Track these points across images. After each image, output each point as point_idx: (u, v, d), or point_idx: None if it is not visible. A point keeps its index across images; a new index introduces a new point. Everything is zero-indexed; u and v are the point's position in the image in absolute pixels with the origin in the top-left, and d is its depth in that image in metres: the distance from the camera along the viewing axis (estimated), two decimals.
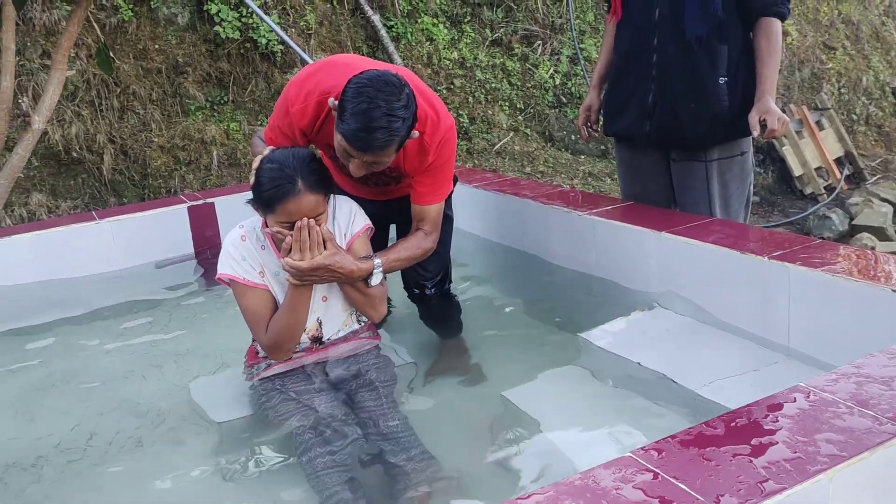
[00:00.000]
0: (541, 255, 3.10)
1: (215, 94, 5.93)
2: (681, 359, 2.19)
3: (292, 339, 2.19)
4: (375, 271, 2.18)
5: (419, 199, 2.31)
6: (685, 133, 2.66)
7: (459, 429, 2.20)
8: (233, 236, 2.20)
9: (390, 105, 1.92)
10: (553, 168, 6.18)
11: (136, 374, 2.61)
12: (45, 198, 5.28)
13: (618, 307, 2.61)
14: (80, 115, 5.41)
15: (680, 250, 2.45)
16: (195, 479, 2.06)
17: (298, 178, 1.99)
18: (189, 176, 5.61)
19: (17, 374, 2.63)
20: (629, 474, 1.34)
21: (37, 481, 2.05)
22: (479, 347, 2.63)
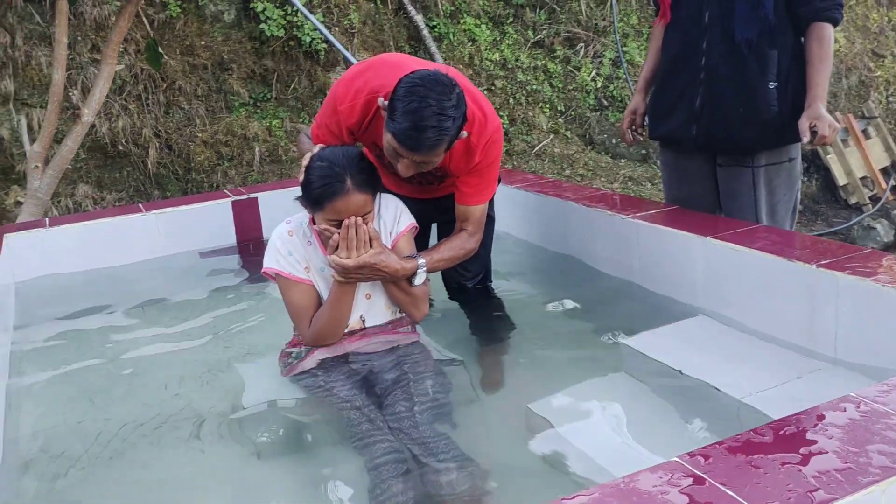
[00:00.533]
0: (582, 258, 3.08)
1: (259, 91, 6.00)
2: (724, 367, 2.16)
3: (335, 335, 2.21)
4: (419, 271, 2.19)
5: (464, 199, 2.32)
6: (733, 138, 2.63)
7: (496, 431, 2.20)
8: (280, 231, 2.22)
9: (441, 104, 1.92)
10: (593, 171, 6.15)
11: (178, 361, 2.65)
12: (91, 189, 5.39)
13: (660, 313, 2.58)
14: (127, 109, 5.51)
15: (726, 256, 2.42)
16: (236, 466, 2.08)
17: (347, 177, 2.00)
18: (231, 171, 5.69)
19: (64, 362, 2.69)
20: (675, 479, 1.33)
21: (86, 463, 2.09)
22: (517, 349, 2.62)
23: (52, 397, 2.46)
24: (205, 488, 2.01)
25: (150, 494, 1.99)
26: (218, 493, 1.99)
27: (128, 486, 2.01)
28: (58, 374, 2.61)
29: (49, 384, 2.55)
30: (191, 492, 2.00)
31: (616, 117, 6.61)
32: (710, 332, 2.41)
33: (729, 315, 2.45)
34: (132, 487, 2.01)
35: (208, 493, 1.99)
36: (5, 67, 5.14)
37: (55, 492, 1.99)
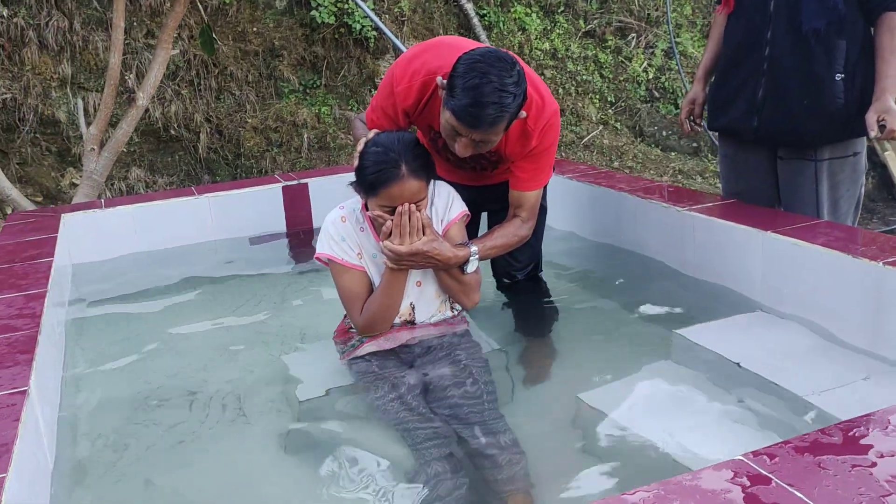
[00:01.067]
0: (635, 250, 3.03)
1: (308, 77, 6.02)
2: (784, 363, 2.11)
3: (386, 321, 2.20)
4: (472, 258, 2.17)
5: (519, 184, 2.29)
6: (796, 130, 2.56)
7: (545, 424, 2.17)
8: (333, 217, 2.22)
9: (502, 80, 1.89)
10: (642, 164, 6.07)
11: (230, 345, 2.67)
12: (143, 173, 5.47)
13: (715, 308, 2.53)
14: (180, 94, 5.57)
15: (786, 252, 2.36)
16: (284, 450, 2.09)
17: (403, 163, 1.99)
18: (280, 157, 5.72)
19: (119, 345, 2.72)
20: (740, 478, 1.29)
21: (137, 437, 2.12)
22: (568, 341, 2.59)
23: (105, 376, 2.50)
24: (252, 468, 2.02)
25: (200, 472, 2.00)
26: (265, 474, 2.00)
27: (179, 463, 2.03)
28: (110, 353, 2.65)
29: (102, 363, 2.58)
30: (239, 470, 2.01)
31: (667, 109, 6.51)
32: (769, 327, 2.35)
33: (787, 312, 2.39)
34: (184, 464, 2.03)
35: (256, 473, 2.00)
36: (63, 52, 5.23)
37: (107, 462, 2.02)
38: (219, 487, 1.93)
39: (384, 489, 1.87)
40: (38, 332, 2.01)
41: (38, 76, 5.16)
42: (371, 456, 2.01)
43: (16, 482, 1.42)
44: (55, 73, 5.22)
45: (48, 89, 5.18)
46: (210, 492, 1.92)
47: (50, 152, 5.20)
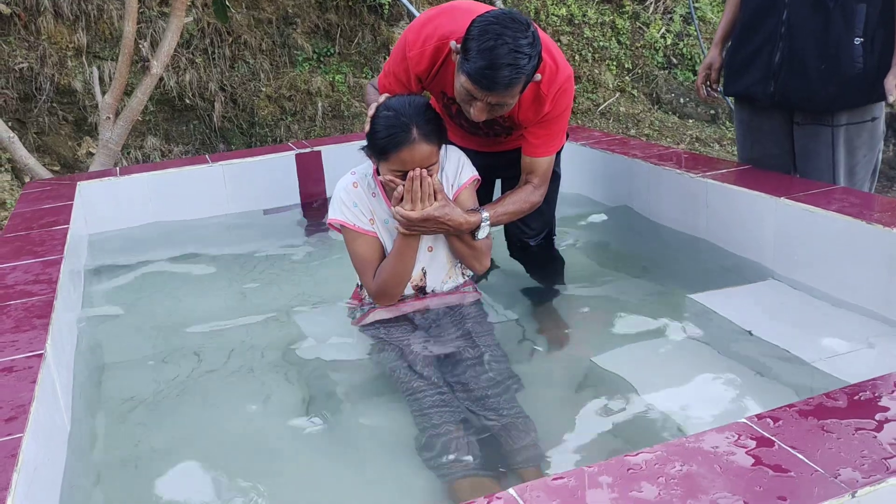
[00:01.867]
0: (649, 216, 3.02)
1: (322, 45, 5.99)
2: (795, 330, 2.10)
3: (399, 287, 2.21)
4: (483, 224, 2.17)
5: (531, 150, 2.27)
6: (813, 95, 2.52)
7: (556, 390, 2.18)
8: (345, 182, 2.22)
9: (517, 42, 1.88)
10: (659, 131, 6.01)
11: (244, 310, 2.70)
12: (158, 142, 5.49)
13: (728, 275, 2.52)
14: (194, 63, 5.57)
15: (799, 218, 2.34)
16: (296, 415, 2.11)
17: (414, 127, 1.98)
18: (294, 126, 5.72)
19: (134, 311, 2.76)
20: (743, 440, 1.30)
21: (154, 402, 2.16)
22: (580, 307, 2.59)
23: (119, 341, 2.54)
24: (265, 431, 2.05)
25: (214, 432, 2.04)
26: (278, 436, 2.03)
27: (194, 424, 2.07)
28: (125, 318, 2.69)
29: (117, 328, 2.63)
30: (252, 433, 2.05)
31: (685, 76, 6.43)
32: (781, 294, 2.34)
33: (800, 278, 2.38)
34: (198, 425, 2.07)
35: (269, 436, 2.03)
36: (78, 21, 5.24)
37: (121, 424, 2.06)
38: (232, 449, 1.96)
39: (394, 452, 1.90)
40: (54, 297, 2.04)
41: (54, 46, 5.18)
42: (382, 419, 2.04)
43: (32, 443, 1.45)
44: (70, 43, 5.23)
45: (64, 59, 5.19)
46: (223, 453, 1.95)
47: (66, 121, 5.23)
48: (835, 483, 1.17)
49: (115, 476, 1.85)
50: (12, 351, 1.75)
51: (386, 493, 1.79)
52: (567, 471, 1.24)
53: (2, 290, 2.12)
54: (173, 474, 1.87)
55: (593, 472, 1.23)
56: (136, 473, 1.87)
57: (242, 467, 1.89)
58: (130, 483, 1.84)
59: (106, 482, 1.83)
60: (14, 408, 1.52)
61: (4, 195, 4.73)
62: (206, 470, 1.89)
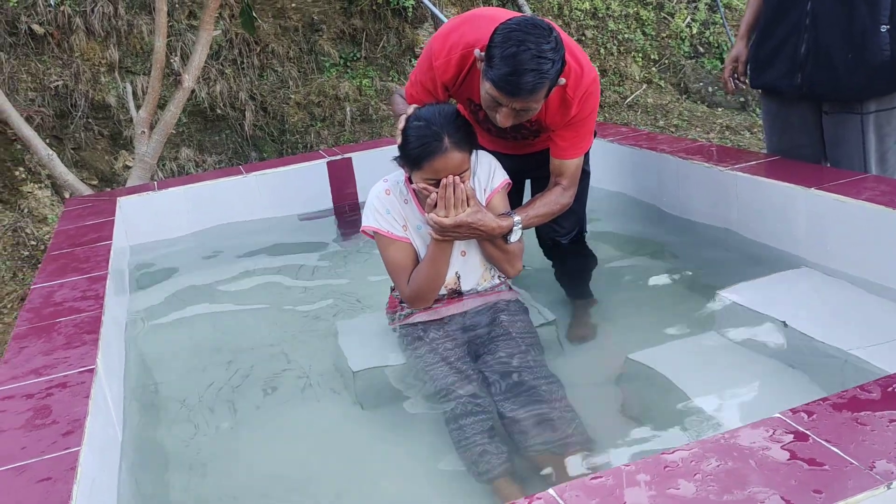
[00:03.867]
0: (678, 212, 3.03)
1: (348, 50, 6.06)
2: (831, 320, 2.10)
3: (433, 291, 2.25)
4: (515, 228, 2.20)
5: (559, 153, 2.30)
6: (840, 85, 2.51)
7: (592, 388, 2.21)
8: (377, 190, 2.26)
9: (539, 47, 1.90)
10: (688, 122, 5.98)
11: (284, 319, 2.76)
12: (192, 153, 5.60)
13: (760, 267, 2.52)
14: (224, 74, 5.66)
15: (830, 208, 2.34)
16: (337, 420, 2.17)
17: (445, 136, 2.02)
18: (324, 131, 5.79)
19: (177, 321, 2.84)
20: (778, 435, 1.32)
21: (199, 407, 2.23)
22: (613, 305, 2.62)
23: (164, 351, 2.62)
24: (308, 437, 2.12)
25: (257, 440, 2.11)
26: (312, 445, 2.09)
27: (244, 429, 2.14)
28: (168, 330, 2.77)
29: (161, 339, 2.70)
30: (295, 443, 2.11)
31: (712, 64, 6.38)
32: (814, 283, 2.34)
33: (834, 267, 2.37)
34: (248, 430, 2.13)
35: (311, 442, 2.09)
36: (109, 37, 5.35)
37: (171, 434, 2.13)
38: (275, 458, 2.02)
39: (431, 461, 1.94)
40: (101, 312, 2.12)
41: (87, 62, 5.30)
42: (427, 423, 2.07)
43: (89, 455, 1.52)
44: (103, 59, 5.35)
45: (97, 75, 5.31)
46: (268, 461, 2.01)
47: (102, 136, 5.35)
48: (870, 475, 1.18)
49: (168, 485, 1.92)
50: (65, 367, 1.83)
51: (430, 493, 1.83)
52: (605, 470, 1.27)
53: (51, 308, 2.20)
54: (225, 481, 1.94)
55: (631, 471, 1.26)
56: (188, 481, 1.94)
57: (292, 471, 1.95)
58: (183, 491, 1.90)
59: (160, 492, 1.89)
60: (70, 422, 1.59)
61: (45, 211, 4.86)
62: (258, 475, 1.95)
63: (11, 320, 4.06)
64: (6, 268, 4.38)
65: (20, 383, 1.76)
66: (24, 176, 4.90)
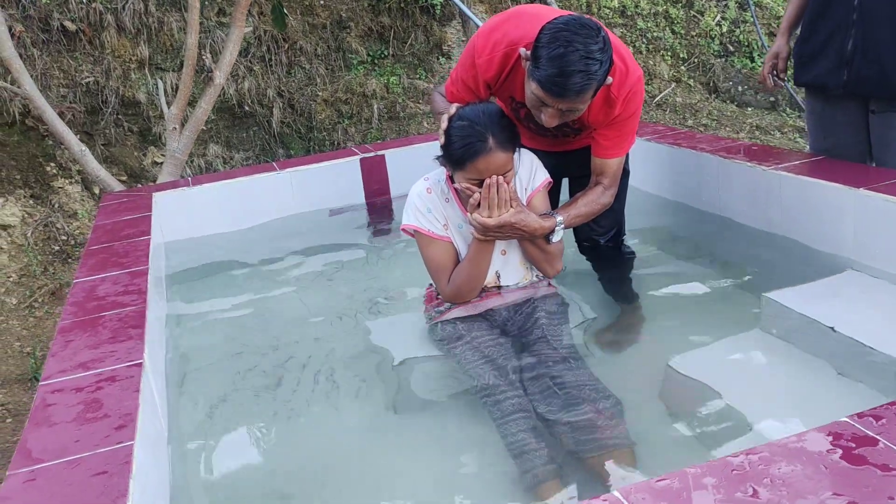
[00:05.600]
0: (719, 212, 2.99)
1: (376, 48, 6.05)
2: (880, 324, 2.06)
3: (473, 291, 2.23)
4: (557, 228, 2.18)
5: (602, 152, 2.28)
6: (889, 82, 2.47)
7: (633, 391, 2.17)
8: (419, 189, 2.25)
9: (588, 48, 1.88)
10: (717, 121, 5.93)
11: (320, 315, 2.76)
12: (220, 149, 5.61)
13: (805, 270, 2.48)
14: (252, 71, 5.67)
15: (880, 209, 2.30)
16: (373, 416, 2.16)
17: (490, 136, 1.99)
18: (351, 129, 5.79)
19: (212, 317, 2.84)
20: (847, 440, 1.29)
21: (236, 402, 2.24)
22: (654, 306, 2.58)
23: (202, 346, 2.62)
24: (344, 434, 2.10)
25: (297, 436, 2.10)
26: (354, 440, 2.07)
27: (282, 426, 2.13)
28: (205, 325, 2.77)
29: (198, 335, 2.70)
30: (334, 438, 2.10)
31: (742, 63, 6.32)
32: (862, 287, 2.30)
33: (882, 269, 2.33)
34: (281, 430, 2.12)
35: (347, 438, 2.08)
36: (140, 34, 5.37)
37: (211, 430, 2.13)
38: (315, 454, 2.02)
39: (473, 460, 1.92)
40: (145, 307, 2.12)
41: (118, 59, 5.32)
42: (467, 420, 2.06)
43: (142, 450, 1.52)
44: (133, 56, 5.37)
45: (128, 71, 5.33)
46: (307, 457, 2.00)
47: (132, 132, 5.37)
48: None
49: (214, 479, 1.92)
50: (113, 361, 1.82)
51: (470, 492, 1.81)
52: (670, 472, 1.25)
53: (95, 302, 2.20)
54: (270, 474, 1.93)
55: (697, 474, 1.24)
56: (233, 476, 1.93)
57: (328, 466, 1.94)
58: (229, 486, 1.90)
59: (207, 486, 1.89)
60: (121, 416, 1.58)
61: (76, 206, 4.89)
62: (302, 468, 1.95)
63: (43, 314, 4.08)
64: (37, 262, 4.40)
65: (69, 377, 1.76)
66: (54, 171, 4.93)
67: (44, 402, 1.66)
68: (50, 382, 1.74)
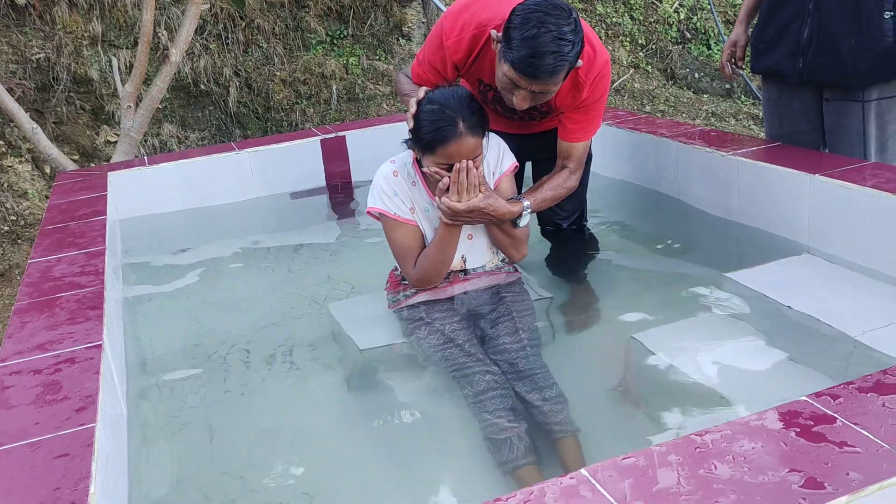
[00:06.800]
0: (677, 196, 3.03)
1: (335, 28, 5.99)
2: (835, 304, 2.12)
3: (440, 275, 2.23)
4: (524, 213, 2.18)
5: (568, 135, 2.28)
6: (843, 71, 2.53)
7: (594, 369, 2.21)
8: (385, 171, 2.23)
9: (560, 29, 1.88)
10: (674, 107, 6.00)
11: (279, 297, 2.73)
12: (175, 129, 5.51)
13: (761, 252, 2.54)
14: (209, 49, 5.57)
15: (834, 194, 2.36)
16: (336, 401, 2.16)
17: (460, 121, 1.98)
18: (309, 110, 5.73)
19: (169, 298, 2.80)
20: (807, 418, 1.33)
21: (195, 386, 2.21)
22: (616, 287, 2.62)
23: (160, 329, 2.58)
24: (302, 413, 2.10)
25: (258, 419, 2.08)
26: (313, 419, 2.07)
27: (238, 413, 2.11)
28: (162, 308, 2.73)
29: (156, 317, 2.66)
30: (289, 415, 2.09)
31: (699, 50, 6.41)
32: (817, 269, 2.36)
33: (836, 254, 2.40)
34: (242, 415, 2.11)
35: (305, 418, 2.07)
36: (93, 9, 5.24)
37: (170, 413, 2.10)
38: (277, 438, 2.00)
39: (449, 438, 1.93)
40: (103, 288, 2.08)
41: (70, 35, 5.18)
42: (432, 404, 2.06)
43: (103, 431, 1.49)
44: (86, 32, 5.23)
45: (80, 48, 5.20)
46: (269, 441, 1.99)
47: (84, 111, 5.24)
48: None
49: (174, 460, 1.90)
50: (71, 342, 1.79)
51: (443, 477, 1.82)
52: (636, 451, 1.27)
53: (51, 283, 2.15)
54: (223, 456, 1.92)
55: (662, 452, 1.26)
56: (192, 457, 1.92)
57: (287, 451, 1.93)
58: (187, 466, 1.88)
59: (167, 467, 1.87)
60: (83, 398, 1.55)
61: (25, 185, 4.76)
62: (258, 454, 1.93)
63: None
64: None
65: (26, 358, 1.72)
66: (3, 150, 4.79)
67: (1, 384, 1.62)
68: (7, 364, 1.70)
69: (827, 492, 1.14)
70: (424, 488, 1.77)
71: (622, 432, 1.92)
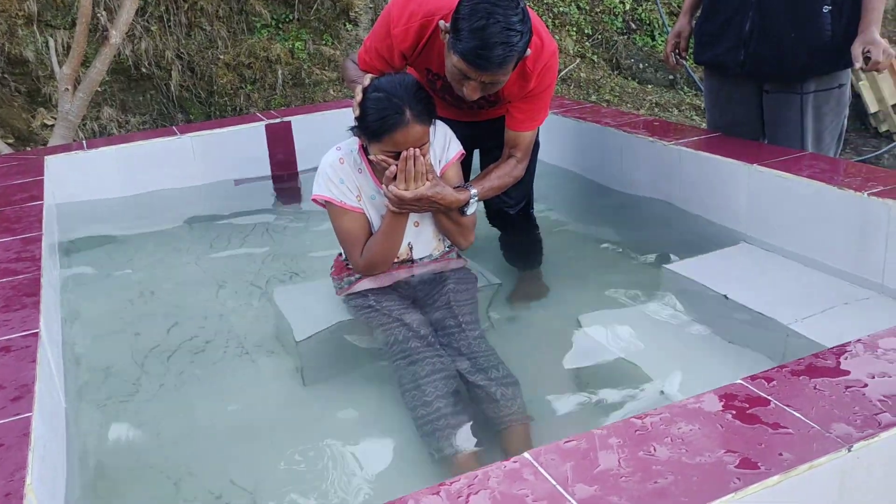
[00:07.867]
0: (621, 186, 3.08)
1: (280, 12, 5.90)
2: (770, 293, 2.18)
3: (386, 263, 2.22)
4: (472, 201, 2.19)
5: (515, 125, 2.30)
6: (783, 63, 2.59)
7: (539, 354, 2.25)
8: (331, 158, 2.21)
9: (508, 19, 1.88)
10: (619, 97, 6.08)
11: (219, 284, 2.70)
12: (115, 112, 5.37)
13: (702, 241, 2.59)
14: (150, 31, 5.44)
15: (772, 184, 2.42)
16: (280, 388, 2.15)
17: (407, 109, 1.97)
18: (254, 94, 5.64)
19: (108, 285, 2.74)
20: (742, 400, 1.37)
21: (138, 380, 2.17)
22: (558, 275, 2.65)
23: (100, 317, 2.53)
24: (242, 402, 2.08)
25: (203, 407, 2.07)
26: (253, 408, 2.06)
27: (180, 400, 2.09)
28: (102, 296, 2.68)
29: (95, 305, 2.61)
30: (239, 406, 2.07)
31: (644, 41, 6.49)
32: (754, 258, 2.43)
33: (773, 243, 2.46)
34: (184, 401, 2.08)
35: (255, 409, 2.06)
36: None
37: (112, 401, 2.07)
38: (220, 425, 1.99)
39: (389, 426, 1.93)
40: (40, 274, 2.02)
41: (3, 14, 5.00)
42: (374, 392, 2.06)
43: (40, 421, 1.46)
44: (20, 11, 5.06)
45: (14, 27, 5.02)
46: (211, 429, 1.97)
47: (19, 93, 5.08)
48: (832, 438, 1.24)
49: (112, 450, 1.86)
50: (6, 330, 1.74)
51: (382, 465, 1.82)
52: (578, 434, 1.29)
53: None
54: (166, 445, 1.90)
55: (603, 435, 1.29)
56: (131, 447, 1.89)
57: (226, 442, 1.91)
58: (128, 456, 1.85)
59: (105, 457, 1.84)
60: (18, 387, 1.51)
61: None
62: (200, 440, 1.92)
63: None
64: None
65: None
66: None
67: None
68: None
69: (760, 471, 1.17)
70: (366, 476, 1.77)
71: (565, 416, 1.95)
